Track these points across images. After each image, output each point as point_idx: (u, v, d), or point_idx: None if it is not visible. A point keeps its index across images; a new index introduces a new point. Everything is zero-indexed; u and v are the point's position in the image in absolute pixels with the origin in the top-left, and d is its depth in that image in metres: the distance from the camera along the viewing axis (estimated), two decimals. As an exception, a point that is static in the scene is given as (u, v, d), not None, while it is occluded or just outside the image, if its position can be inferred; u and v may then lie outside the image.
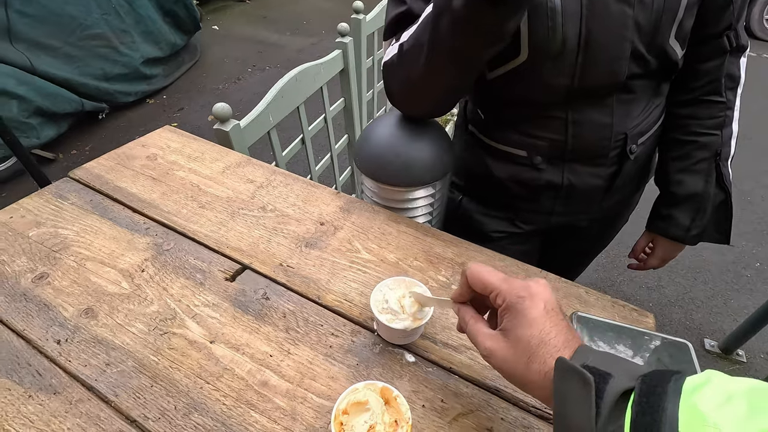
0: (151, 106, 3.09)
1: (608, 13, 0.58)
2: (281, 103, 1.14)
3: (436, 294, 0.62)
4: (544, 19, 0.58)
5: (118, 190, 0.78)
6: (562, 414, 0.33)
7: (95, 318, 0.57)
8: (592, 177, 0.74)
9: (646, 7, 0.58)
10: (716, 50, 0.68)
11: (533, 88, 0.66)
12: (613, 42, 0.60)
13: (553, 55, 0.61)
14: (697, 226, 0.78)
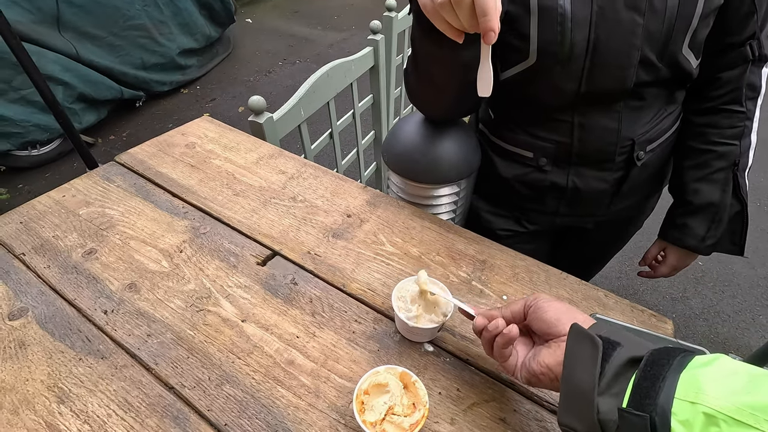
0: (184, 95, 3.20)
1: (617, 21, 0.58)
2: (312, 97, 1.18)
3: (456, 290, 0.64)
4: (554, 24, 0.59)
5: (159, 175, 0.82)
6: (569, 373, 0.36)
7: (138, 292, 0.62)
8: (597, 181, 0.74)
9: (658, 15, 0.58)
10: (738, 59, 0.67)
11: (542, 90, 0.67)
12: (620, 49, 0.60)
13: (562, 59, 0.61)
14: (712, 236, 0.77)
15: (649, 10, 0.58)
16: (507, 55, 0.67)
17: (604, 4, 0.58)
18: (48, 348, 0.55)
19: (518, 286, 0.65)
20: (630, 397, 0.31)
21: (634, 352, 0.34)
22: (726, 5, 0.63)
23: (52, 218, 0.73)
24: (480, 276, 0.66)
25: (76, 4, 2.38)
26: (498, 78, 0.71)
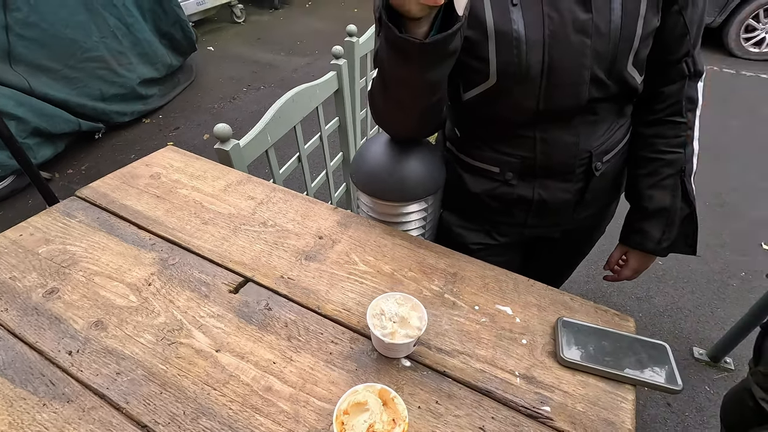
0: (147, 125, 3.13)
1: (568, 43, 0.63)
2: (279, 123, 1.19)
3: (429, 303, 0.65)
4: (510, 47, 0.64)
5: (123, 207, 0.81)
6: None
7: (105, 330, 0.60)
8: (561, 192, 0.79)
9: (603, 37, 0.63)
10: (677, 75, 0.74)
11: (503, 109, 0.71)
12: (573, 69, 0.65)
13: (519, 79, 0.66)
14: (667, 239, 0.83)
15: (596, 33, 0.63)
16: (469, 77, 0.71)
17: (555, 28, 0.63)
18: (8, 396, 0.52)
19: (489, 295, 0.68)
20: None
21: None
22: (662, 27, 0.69)
23: (9, 259, 0.70)
24: (452, 288, 0.68)
25: (27, 37, 2.32)
26: (462, 98, 0.75)
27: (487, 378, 0.56)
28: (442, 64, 0.58)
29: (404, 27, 0.55)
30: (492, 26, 0.63)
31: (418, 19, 0.53)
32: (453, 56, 0.58)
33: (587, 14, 0.62)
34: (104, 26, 2.71)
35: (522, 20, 0.63)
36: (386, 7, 0.52)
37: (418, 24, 0.54)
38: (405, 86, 0.62)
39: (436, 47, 0.53)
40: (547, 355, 0.59)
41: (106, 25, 2.72)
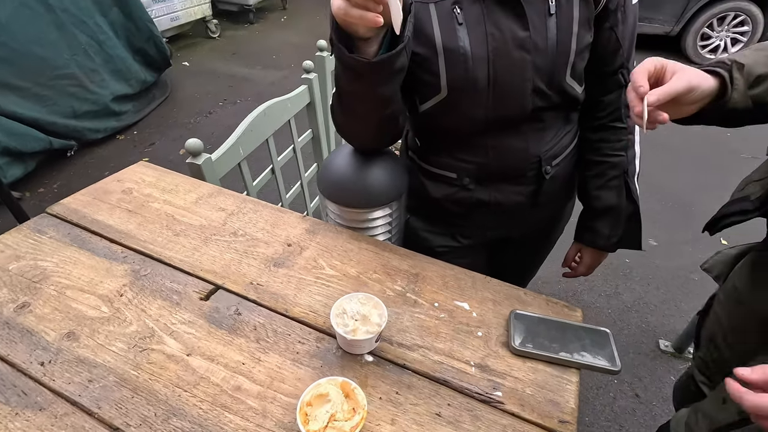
0: (121, 141, 3.11)
1: (510, 58, 0.69)
2: (251, 136, 1.22)
3: (391, 302, 0.69)
4: (458, 62, 0.69)
5: (95, 222, 0.83)
6: None
7: (77, 340, 0.62)
8: (515, 195, 0.84)
9: (542, 53, 0.70)
10: (614, 85, 0.82)
11: (456, 119, 0.76)
12: (516, 81, 0.71)
13: (468, 92, 0.72)
14: (615, 235, 0.90)
15: (534, 49, 0.69)
16: (424, 91, 0.76)
17: (497, 45, 0.69)
18: (-20, 407, 0.53)
19: (448, 293, 0.72)
20: None
21: None
22: (597, 42, 0.76)
23: (-21, 276, 0.71)
24: (413, 288, 0.73)
25: (-4, 56, 2.30)
26: (419, 110, 0.80)
27: (445, 368, 0.60)
28: (392, 80, 0.63)
29: (355, 47, 0.59)
30: (441, 44, 0.69)
31: (368, 39, 0.58)
32: (401, 73, 0.64)
33: (525, 32, 0.68)
34: (75, 44, 2.70)
35: (468, 38, 0.68)
36: (337, 29, 0.57)
37: (368, 44, 0.59)
38: (359, 100, 0.67)
39: (383, 65, 0.58)
40: (501, 346, 0.64)
41: (77, 42, 2.71)
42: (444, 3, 0.68)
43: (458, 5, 0.67)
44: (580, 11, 0.70)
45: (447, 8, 0.68)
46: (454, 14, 0.68)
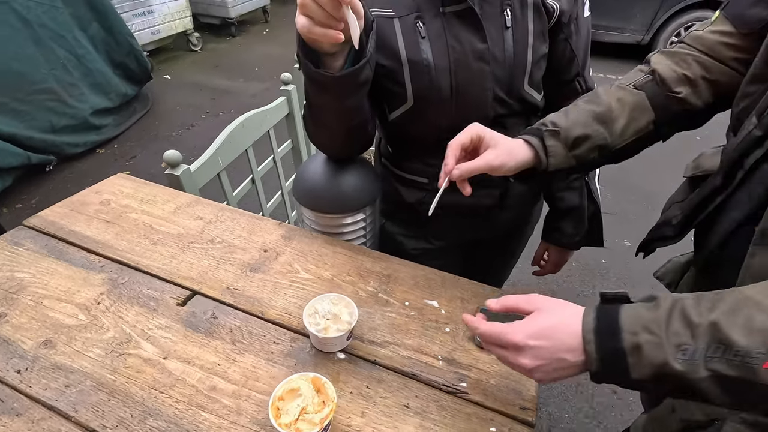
0: (101, 155, 3.09)
1: (470, 69, 0.74)
2: (229, 147, 1.24)
3: (363, 302, 0.72)
4: (422, 73, 0.73)
5: (72, 233, 0.84)
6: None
7: (54, 348, 0.63)
8: (484, 197, 0.89)
9: (500, 63, 0.74)
10: (571, 93, 0.87)
11: (424, 127, 0.80)
12: (477, 91, 0.76)
13: (433, 101, 0.76)
14: (578, 234, 0.95)
15: (492, 60, 0.74)
16: (391, 100, 0.80)
17: (458, 57, 0.73)
18: (-45, 415, 0.54)
19: (418, 292, 0.75)
20: None
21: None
22: (553, 53, 0.81)
23: (-45, 288, 0.71)
24: (385, 288, 0.76)
25: (-28, 72, 2.28)
26: (388, 119, 0.84)
27: (413, 363, 0.63)
28: (357, 92, 0.67)
29: (321, 62, 0.63)
30: (405, 56, 0.73)
31: (333, 54, 0.62)
32: (365, 85, 0.67)
33: (484, 44, 0.73)
34: (53, 58, 2.70)
35: (430, 50, 0.73)
36: (303, 45, 0.60)
37: (333, 58, 0.62)
38: (327, 112, 0.71)
39: (347, 79, 0.62)
40: (467, 340, 0.67)
41: (55, 57, 2.70)
42: (407, 18, 0.72)
43: (420, 20, 0.72)
44: (534, 24, 0.75)
45: (410, 22, 0.72)
46: (417, 28, 0.72)
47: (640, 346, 0.42)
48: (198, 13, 4.99)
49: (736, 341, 0.38)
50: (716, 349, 0.39)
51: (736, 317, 0.39)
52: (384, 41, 0.72)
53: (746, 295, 0.40)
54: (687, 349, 0.40)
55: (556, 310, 0.48)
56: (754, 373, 0.37)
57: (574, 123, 0.65)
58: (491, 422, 0.57)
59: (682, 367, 0.40)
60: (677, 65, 0.64)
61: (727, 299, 0.41)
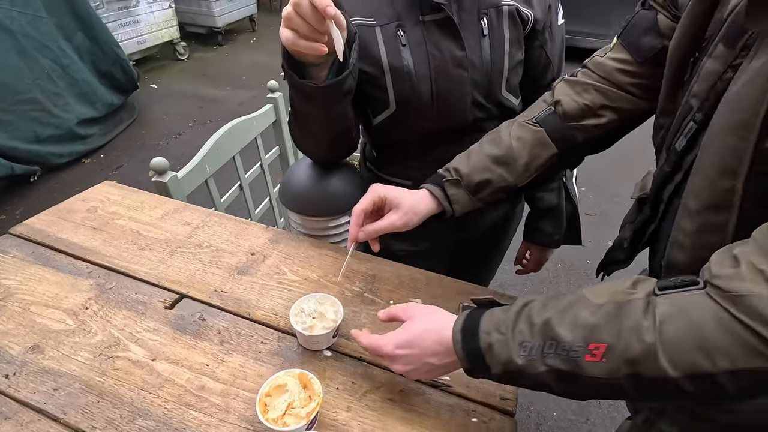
0: (87, 165, 3.06)
1: (449, 75, 0.77)
2: (217, 154, 1.26)
3: (349, 302, 0.74)
4: (404, 80, 0.76)
5: (59, 241, 0.84)
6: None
7: (42, 353, 0.64)
8: None
9: (478, 70, 0.78)
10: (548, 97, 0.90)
11: (406, 131, 0.83)
12: (457, 96, 0.79)
13: (414, 106, 0.79)
14: (558, 233, 0.98)
15: (471, 66, 0.77)
16: (375, 106, 0.83)
17: (438, 63, 0.76)
18: (-57, 421, 0.55)
19: (403, 291, 0.77)
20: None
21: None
22: (529, 60, 0.85)
23: (-60, 297, 0.72)
24: (371, 288, 0.78)
25: (-46, 82, 2.26)
26: (372, 124, 0.86)
27: (398, 359, 0.65)
28: (341, 101, 0.70)
29: (306, 73, 0.65)
30: (387, 64, 0.76)
31: (317, 65, 0.64)
32: (349, 95, 0.70)
33: (462, 52, 0.76)
34: (38, 68, 2.68)
35: (411, 58, 0.75)
36: (288, 57, 0.63)
37: (318, 69, 0.65)
38: (312, 120, 0.73)
39: (331, 89, 0.65)
40: (450, 336, 0.69)
41: (39, 67, 2.69)
42: (388, 26, 0.75)
43: (401, 28, 0.75)
44: (510, 32, 0.78)
45: (391, 31, 0.75)
46: (398, 36, 0.75)
47: (491, 345, 0.46)
48: (184, 22, 5.00)
49: (563, 337, 0.42)
50: (550, 346, 0.42)
51: (566, 315, 0.43)
52: (366, 49, 0.75)
53: (582, 294, 0.44)
54: (527, 346, 0.44)
55: (424, 318, 0.54)
56: (578, 366, 0.41)
57: (474, 169, 0.68)
58: (473, 413, 0.59)
59: (524, 363, 0.44)
60: (579, 95, 0.67)
61: (565, 299, 0.45)
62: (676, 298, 0.39)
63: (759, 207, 0.40)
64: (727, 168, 0.43)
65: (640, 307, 0.40)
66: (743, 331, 0.35)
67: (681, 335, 0.37)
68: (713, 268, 0.39)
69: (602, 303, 0.42)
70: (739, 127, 0.41)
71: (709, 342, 0.36)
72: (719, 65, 0.48)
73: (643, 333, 0.38)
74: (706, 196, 0.46)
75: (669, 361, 0.37)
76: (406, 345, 0.52)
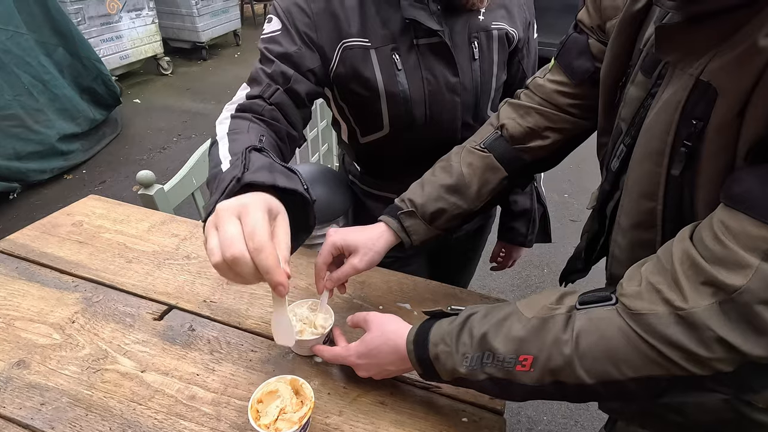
0: (69, 181, 3.02)
1: (443, 100, 0.79)
2: (203, 166, 1.26)
3: (339, 308, 0.75)
4: (399, 104, 0.77)
5: (44, 255, 0.84)
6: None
7: (27, 368, 0.63)
8: None
9: (469, 93, 0.80)
10: None
11: (396, 150, 0.85)
12: (448, 119, 0.81)
13: (407, 128, 0.80)
14: (531, 233, 1.04)
15: (462, 90, 0.79)
16: (367, 126, 0.84)
17: (432, 89, 0.78)
18: (-75, 440, 0.53)
19: (391, 296, 0.79)
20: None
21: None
22: (508, 74, 0.88)
23: None
24: (360, 294, 0.79)
25: (-70, 99, 2.22)
26: (359, 141, 0.87)
27: (388, 362, 0.66)
28: None
29: None
30: (383, 88, 0.76)
31: None
32: None
33: (455, 78, 0.77)
34: (18, 84, 2.65)
35: (406, 83, 0.76)
36: None
37: None
38: None
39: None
40: (439, 338, 0.71)
41: (19, 83, 2.66)
42: (383, 49, 0.75)
43: (396, 51, 0.75)
44: (499, 55, 0.81)
45: (386, 54, 0.75)
46: (394, 60, 0.75)
47: (438, 356, 0.51)
48: (168, 37, 4.99)
49: (497, 349, 0.46)
50: (488, 356, 0.47)
51: (501, 328, 0.47)
52: (360, 71, 0.75)
53: (516, 307, 0.49)
54: (468, 357, 0.48)
55: (380, 329, 0.58)
56: (511, 374, 0.46)
57: (428, 199, 0.70)
58: (463, 413, 0.60)
59: (466, 372, 0.48)
60: (522, 118, 0.70)
61: (502, 311, 0.49)
62: (592, 313, 0.43)
63: (679, 226, 0.43)
64: (646, 191, 0.47)
65: (560, 322, 0.44)
66: (643, 345, 0.39)
67: (593, 348, 0.42)
68: (624, 284, 0.44)
69: (530, 317, 0.46)
70: (654, 154, 0.45)
71: (616, 354, 0.41)
72: (641, 92, 0.52)
73: (562, 346, 0.43)
74: (634, 215, 0.50)
75: (584, 370, 0.42)
76: (365, 356, 0.58)
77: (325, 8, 0.71)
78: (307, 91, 0.73)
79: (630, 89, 0.53)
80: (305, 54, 0.72)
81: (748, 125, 0.37)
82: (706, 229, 0.39)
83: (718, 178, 0.41)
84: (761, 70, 0.35)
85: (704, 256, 0.38)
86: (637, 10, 0.52)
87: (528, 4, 0.85)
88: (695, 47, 0.41)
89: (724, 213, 0.38)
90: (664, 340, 0.38)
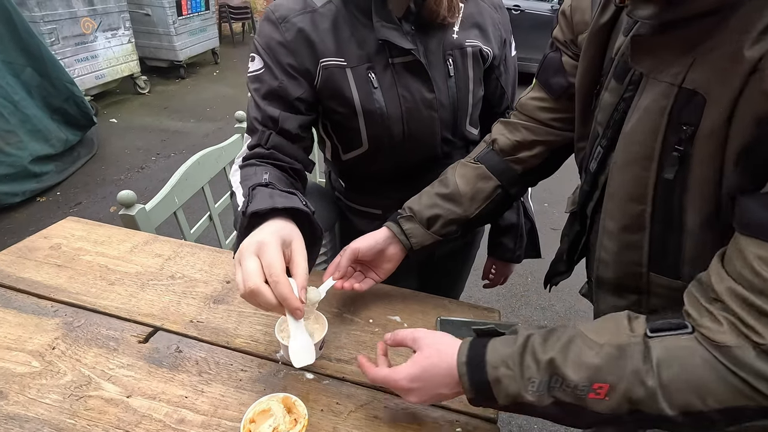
0: (42, 203, 2.92)
1: (421, 117, 0.80)
2: (185, 185, 1.25)
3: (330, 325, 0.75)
4: (377, 121, 0.79)
5: (21, 280, 0.81)
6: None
7: (5, 398, 0.60)
8: None
9: (446, 109, 0.82)
10: None
11: (377, 166, 0.86)
12: (427, 135, 0.83)
13: (387, 145, 0.82)
14: (519, 248, 1.04)
15: (440, 106, 0.81)
16: (347, 144, 0.85)
17: (409, 105, 0.79)
18: None
19: (381, 309, 0.79)
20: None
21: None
22: (486, 91, 0.91)
23: None
24: (349, 308, 0.78)
25: None
26: (341, 158, 0.88)
27: (380, 376, 0.66)
28: None
29: None
30: (360, 106, 0.77)
31: None
32: None
33: (431, 94, 0.79)
34: (-12, 105, 2.58)
35: (383, 100, 0.78)
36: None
37: None
38: None
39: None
40: (430, 349, 0.71)
41: (-11, 103, 2.59)
42: (359, 68, 0.76)
43: (372, 71, 0.76)
44: (474, 72, 0.84)
45: (362, 72, 0.76)
46: (369, 79, 0.76)
47: (499, 379, 0.48)
48: (145, 56, 4.96)
49: (569, 376, 0.45)
50: (556, 381, 0.46)
51: (569, 353, 0.46)
52: (337, 90, 0.76)
53: (580, 330, 0.48)
54: (534, 382, 0.47)
55: (432, 348, 0.54)
56: (583, 401, 0.45)
57: (424, 206, 0.76)
58: (456, 423, 0.60)
59: (533, 398, 0.47)
60: (511, 133, 0.77)
61: (564, 334, 0.48)
62: (669, 342, 0.43)
63: (667, 227, 0.46)
64: (634, 194, 0.50)
65: (638, 351, 0.43)
66: (732, 377, 0.39)
67: (675, 379, 0.41)
68: (693, 315, 0.43)
69: (603, 343, 0.45)
70: (641, 159, 0.48)
71: (702, 385, 0.40)
72: (614, 98, 0.55)
73: (643, 376, 0.42)
74: (621, 218, 0.53)
75: (666, 401, 0.41)
76: (418, 379, 0.53)
77: (298, 35, 0.73)
78: (299, 125, 0.76)
79: (604, 95, 0.57)
80: (288, 85, 0.74)
81: (735, 131, 0.39)
82: (738, 260, 0.40)
83: (707, 179, 0.43)
84: (745, 78, 0.37)
85: (753, 291, 0.39)
86: (604, 22, 0.56)
87: (504, 23, 0.89)
88: (668, 55, 0.44)
89: (751, 244, 0.39)
90: (753, 372, 0.38)
